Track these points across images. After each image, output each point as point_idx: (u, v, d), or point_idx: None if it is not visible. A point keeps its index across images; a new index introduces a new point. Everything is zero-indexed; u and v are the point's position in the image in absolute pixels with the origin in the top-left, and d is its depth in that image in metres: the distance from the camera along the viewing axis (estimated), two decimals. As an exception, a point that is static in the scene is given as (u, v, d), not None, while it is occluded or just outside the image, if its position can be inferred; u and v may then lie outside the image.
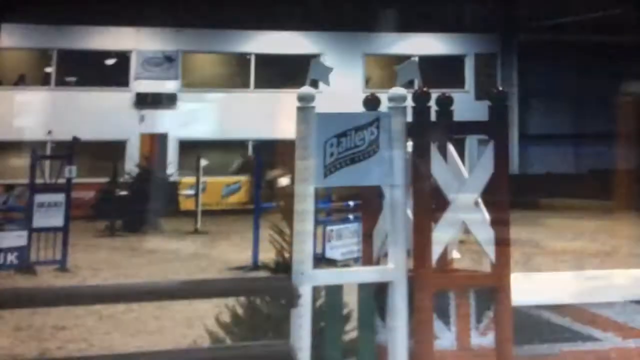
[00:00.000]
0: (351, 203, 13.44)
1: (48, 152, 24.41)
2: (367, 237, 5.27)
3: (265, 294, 5.32)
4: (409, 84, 4.94)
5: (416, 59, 26.84)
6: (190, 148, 25.83)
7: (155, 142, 26.33)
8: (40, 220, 13.83)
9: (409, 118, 4.89)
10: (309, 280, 4.47)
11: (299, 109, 4.56)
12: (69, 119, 24.97)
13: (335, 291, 4.58)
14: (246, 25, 27.47)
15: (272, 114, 26.07)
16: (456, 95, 5.50)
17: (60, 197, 14.18)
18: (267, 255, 9.02)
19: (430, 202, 4.83)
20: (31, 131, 24.65)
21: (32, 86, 26.76)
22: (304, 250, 4.50)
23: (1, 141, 25.16)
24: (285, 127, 22.14)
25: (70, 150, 15.32)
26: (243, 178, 25.35)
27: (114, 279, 12.15)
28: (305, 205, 4.51)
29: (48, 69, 27.15)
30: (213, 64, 29.14)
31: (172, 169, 24.25)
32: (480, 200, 4.90)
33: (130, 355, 5.47)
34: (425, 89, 4.95)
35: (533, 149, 29.61)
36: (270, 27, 27.70)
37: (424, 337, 4.60)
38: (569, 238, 17.14)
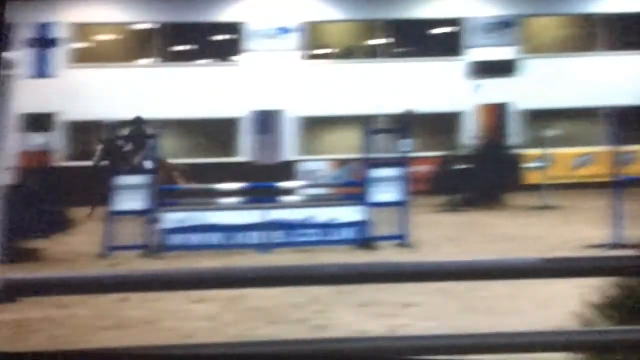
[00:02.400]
0: None
1: (380, 126, 25.17)
2: None
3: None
4: None
5: None
6: (534, 118, 25.38)
7: (495, 113, 26.19)
8: (377, 195, 14.34)
9: None
10: None
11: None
12: (400, 92, 25.58)
13: None
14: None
15: (631, 79, 24.81)
16: None
17: (396, 172, 14.61)
18: (634, 232, 8.63)
19: None
20: (361, 105, 25.57)
21: (360, 59, 27.78)
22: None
23: (330, 117, 26.38)
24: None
25: (404, 124, 15.66)
26: (596, 149, 24.46)
27: (457, 256, 12.27)
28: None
29: (375, 41, 28.00)
30: (555, 27, 28.33)
31: (514, 140, 24.03)
32: None
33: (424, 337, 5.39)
34: None
35: None
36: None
37: None
38: None
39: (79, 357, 4.58)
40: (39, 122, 24.91)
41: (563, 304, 7.90)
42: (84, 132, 25.14)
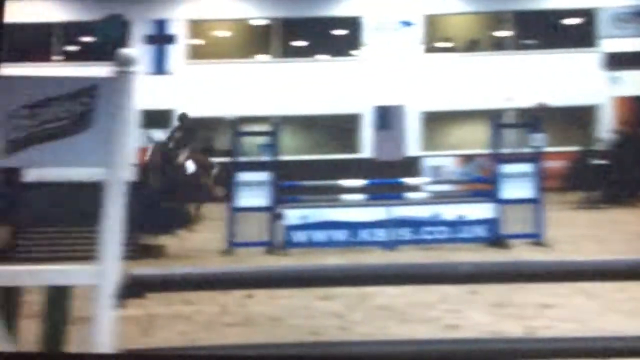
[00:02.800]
0: None
1: (508, 119, 24.82)
2: None
3: None
4: None
5: None
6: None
7: (633, 106, 25.50)
8: (508, 191, 14.17)
9: None
10: None
11: None
12: (529, 85, 25.20)
13: None
14: None
15: None
16: None
17: (528, 168, 14.41)
18: None
19: None
20: (487, 99, 25.26)
21: (486, 51, 27.38)
22: None
23: (454, 111, 26.15)
24: None
25: (535, 118, 15.42)
26: None
27: (597, 255, 11.98)
28: None
29: (501, 33, 27.57)
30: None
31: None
32: None
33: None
34: None
35: None
36: None
37: None
38: None
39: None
40: (157, 118, 25.46)
41: None
42: (203, 128, 25.59)
